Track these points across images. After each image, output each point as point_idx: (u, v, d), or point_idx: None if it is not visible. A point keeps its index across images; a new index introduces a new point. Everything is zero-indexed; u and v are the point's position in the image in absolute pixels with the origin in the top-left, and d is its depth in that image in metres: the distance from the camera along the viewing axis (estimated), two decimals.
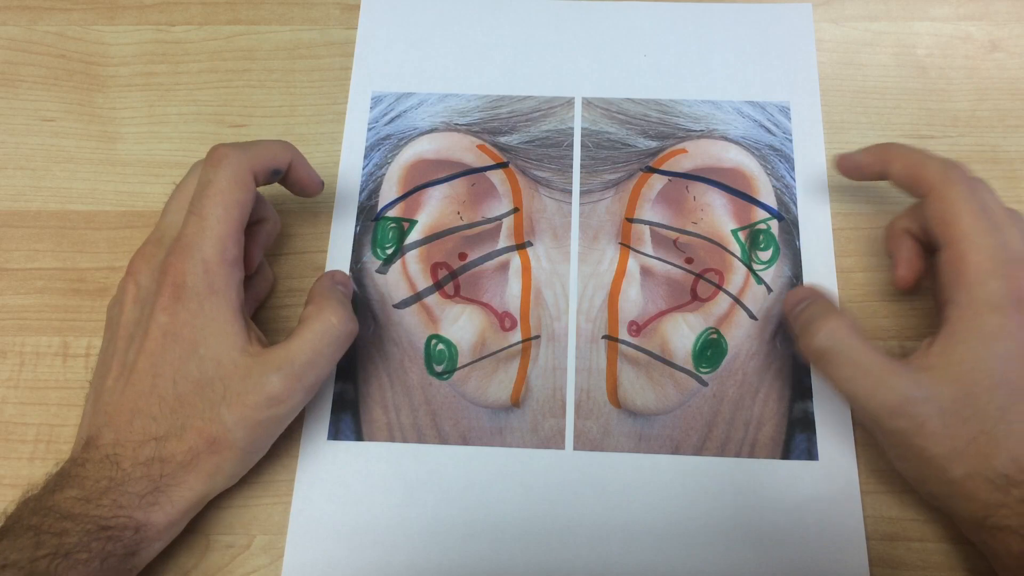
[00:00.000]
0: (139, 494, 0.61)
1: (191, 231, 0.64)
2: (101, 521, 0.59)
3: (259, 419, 0.64)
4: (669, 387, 0.73)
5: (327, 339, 0.66)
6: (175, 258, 0.64)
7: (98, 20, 0.89)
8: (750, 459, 0.71)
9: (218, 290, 0.64)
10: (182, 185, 0.70)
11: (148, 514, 0.61)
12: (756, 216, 0.78)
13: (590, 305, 0.76)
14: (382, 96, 0.84)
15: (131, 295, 0.67)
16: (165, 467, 0.62)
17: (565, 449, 0.72)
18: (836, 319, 0.64)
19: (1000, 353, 0.60)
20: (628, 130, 0.81)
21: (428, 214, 0.79)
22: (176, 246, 0.64)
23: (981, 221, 0.63)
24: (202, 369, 0.63)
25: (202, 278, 0.63)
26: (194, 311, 0.63)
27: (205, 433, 0.62)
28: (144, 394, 0.63)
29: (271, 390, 0.63)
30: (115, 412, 0.63)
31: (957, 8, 0.88)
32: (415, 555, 0.69)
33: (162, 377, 0.63)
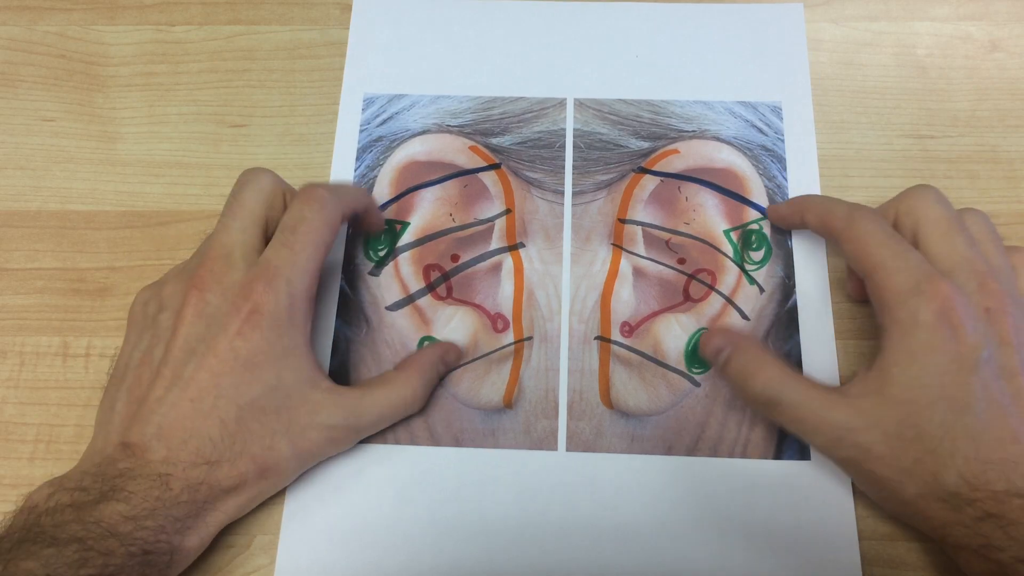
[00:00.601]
0: (179, 518, 0.60)
1: (283, 262, 0.65)
2: (145, 545, 0.58)
3: (313, 453, 0.67)
4: (662, 388, 0.73)
5: (396, 411, 0.69)
6: (261, 284, 0.64)
7: (98, 20, 0.89)
8: (743, 459, 0.71)
9: (298, 323, 0.65)
10: (243, 199, 0.69)
11: (183, 539, 0.61)
12: (748, 216, 0.78)
13: (582, 306, 0.76)
14: (374, 98, 0.84)
15: (194, 308, 0.65)
16: (211, 493, 0.62)
17: (558, 450, 0.72)
18: (769, 367, 0.66)
19: (933, 369, 0.61)
20: (620, 131, 0.81)
21: (420, 216, 0.79)
22: (262, 272, 0.64)
23: (888, 248, 0.64)
24: (269, 398, 0.63)
25: (286, 309, 0.64)
26: (271, 340, 0.63)
27: (259, 460, 0.63)
28: (203, 413, 0.62)
29: (332, 432, 0.66)
30: (168, 426, 0.62)
31: (957, 8, 0.87)
32: (408, 556, 0.69)
33: (226, 400, 0.62)
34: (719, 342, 0.69)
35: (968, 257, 0.64)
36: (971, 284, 0.63)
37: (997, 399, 0.60)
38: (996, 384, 0.60)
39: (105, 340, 0.77)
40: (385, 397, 0.67)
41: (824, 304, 0.76)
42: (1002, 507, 0.58)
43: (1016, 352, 0.61)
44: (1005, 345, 0.61)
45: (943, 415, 0.60)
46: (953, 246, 0.64)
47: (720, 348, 0.69)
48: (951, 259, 0.64)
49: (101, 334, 0.77)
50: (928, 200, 0.67)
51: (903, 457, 0.60)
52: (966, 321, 0.60)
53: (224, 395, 0.62)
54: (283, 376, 0.64)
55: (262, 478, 0.63)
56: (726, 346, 0.68)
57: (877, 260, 0.64)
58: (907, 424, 0.60)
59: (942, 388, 0.60)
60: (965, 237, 0.65)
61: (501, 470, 0.71)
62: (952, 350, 0.60)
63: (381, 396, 0.67)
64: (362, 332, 0.75)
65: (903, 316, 0.62)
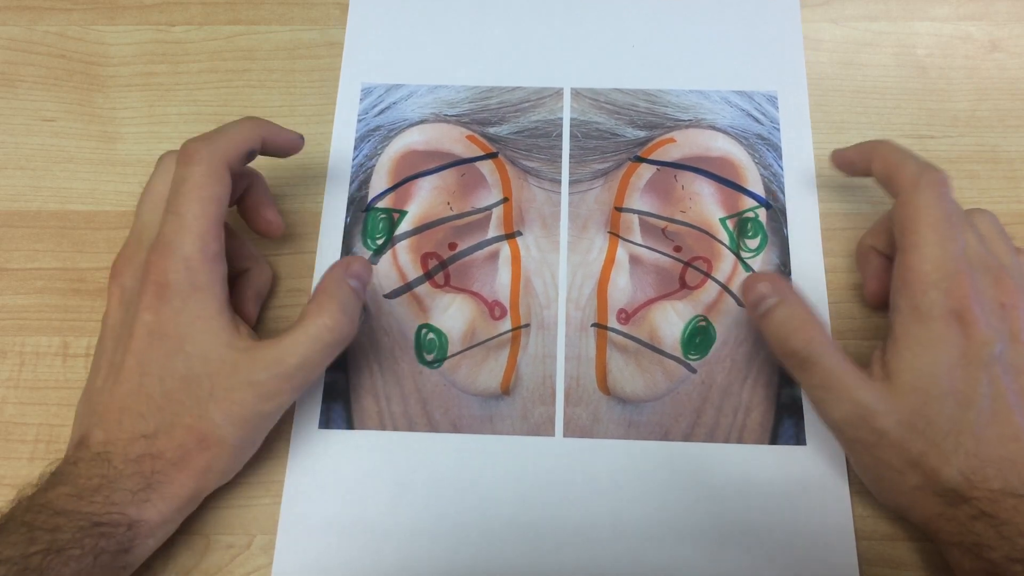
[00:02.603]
0: (131, 491, 0.61)
1: (170, 230, 0.64)
2: (94, 518, 0.59)
3: (247, 415, 0.64)
4: (658, 374, 0.73)
5: (319, 344, 0.65)
6: (156, 256, 0.64)
7: (98, 20, 0.89)
8: (739, 445, 0.71)
9: (201, 286, 0.64)
10: (151, 183, 0.70)
11: (141, 511, 0.61)
12: (744, 204, 0.78)
13: (579, 293, 0.76)
14: (372, 88, 0.85)
15: (116, 297, 0.67)
16: (156, 464, 0.62)
17: (555, 436, 0.72)
18: (814, 327, 0.65)
19: (944, 361, 0.61)
20: (617, 120, 0.82)
21: (418, 204, 0.79)
22: (156, 245, 0.64)
23: (936, 231, 0.63)
24: (188, 366, 0.63)
25: (184, 275, 0.63)
26: (178, 308, 0.63)
27: (194, 430, 0.62)
28: (132, 392, 0.63)
29: (259, 387, 0.63)
30: (104, 411, 0.63)
31: (957, 8, 0.88)
32: (405, 542, 0.69)
33: (149, 375, 0.63)
34: (765, 289, 0.68)
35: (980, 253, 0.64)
36: (988, 279, 0.63)
37: (1004, 395, 0.60)
38: (1004, 380, 0.60)
39: None
40: (302, 333, 0.64)
41: (820, 292, 0.76)
42: (996, 506, 0.58)
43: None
44: (1016, 342, 0.62)
45: (951, 409, 0.60)
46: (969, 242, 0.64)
47: (765, 295, 0.68)
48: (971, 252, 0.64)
49: None
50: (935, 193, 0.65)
51: (912, 448, 0.60)
52: (980, 317, 0.61)
53: (147, 371, 0.63)
54: (198, 342, 0.63)
55: (204, 448, 0.63)
56: (772, 295, 0.67)
57: (919, 239, 0.63)
58: (919, 414, 0.60)
59: (951, 382, 0.60)
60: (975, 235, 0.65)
61: (499, 456, 0.72)
62: (963, 345, 0.60)
63: (298, 334, 0.65)
64: (360, 320, 0.75)
65: (921, 303, 0.62)
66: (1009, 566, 0.57)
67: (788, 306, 0.66)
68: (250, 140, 0.70)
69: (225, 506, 0.71)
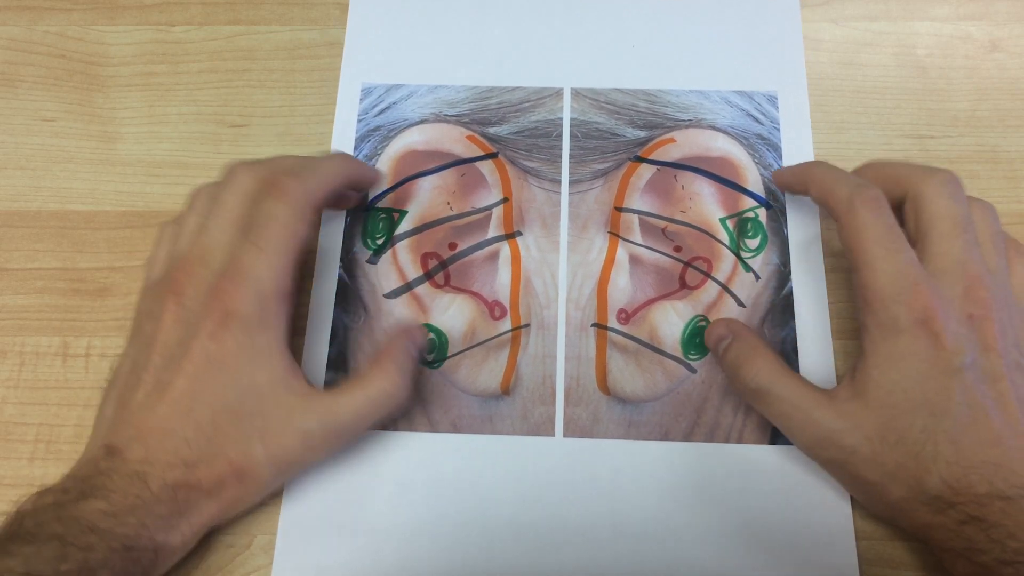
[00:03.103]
0: (163, 516, 0.60)
1: (248, 260, 0.64)
2: (126, 540, 0.58)
3: (289, 460, 0.64)
4: (658, 374, 0.73)
5: (375, 406, 0.66)
6: (229, 285, 0.63)
7: (98, 20, 0.89)
8: (739, 445, 0.71)
9: (268, 323, 0.64)
10: (224, 199, 0.68)
11: (167, 536, 0.61)
12: (744, 204, 0.78)
13: (579, 293, 0.76)
14: (372, 88, 0.84)
15: (172, 313, 0.65)
16: (191, 493, 0.61)
17: (555, 436, 0.72)
18: (762, 358, 0.66)
19: (913, 375, 0.61)
20: (617, 120, 0.82)
21: (418, 204, 0.79)
22: (230, 272, 0.64)
23: (881, 245, 0.63)
24: (243, 401, 0.63)
25: (255, 309, 0.63)
26: (241, 341, 0.63)
27: (235, 464, 0.62)
28: (179, 416, 0.62)
29: (307, 437, 0.64)
30: (146, 428, 0.62)
31: (957, 8, 0.88)
32: (406, 542, 0.69)
33: (200, 403, 0.62)
34: (721, 331, 0.70)
35: (962, 260, 0.64)
36: (957, 289, 0.63)
37: (980, 403, 0.60)
38: (979, 388, 0.60)
39: (105, 340, 0.77)
40: (362, 393, 0.65)
41: (820, 291, 0.76)
42: (984, 510, 0.58)
43: (1001, 356, 0.62)
44: (989, 350, 0.62)
45: (924, 420, 0.60)
46: (951, 247, 0.64)
47: (722, 337, 0.70)
48: (945, 260, 0.64)
49: (101, 334, 0.77)
50: (941, 195, 0.66)
51: (887, 461, 0.61)
52: (947, 327, 0.61)
53: (199, 398, 0.62)
54: (256, 378, 0.63)
55: (239, 482, 0.63)
56: (727, 335, 0.69)
57: (867, 257, 0.64)
58: (889, 428, 0.61)
59: (923, 393, 0.60)
60: (966, 240, 0.64)
61: (499, 456, 0.72)
62: (932, 356, 0.61)
63: (358, 393, 0.65)
64: (360, 320, 0.76)
65: (884, 319, 0.62)
66: (1000, 569, 0.57)
67: (738, 341, 0.69)
68: (340, 180, 0.72)
69: None
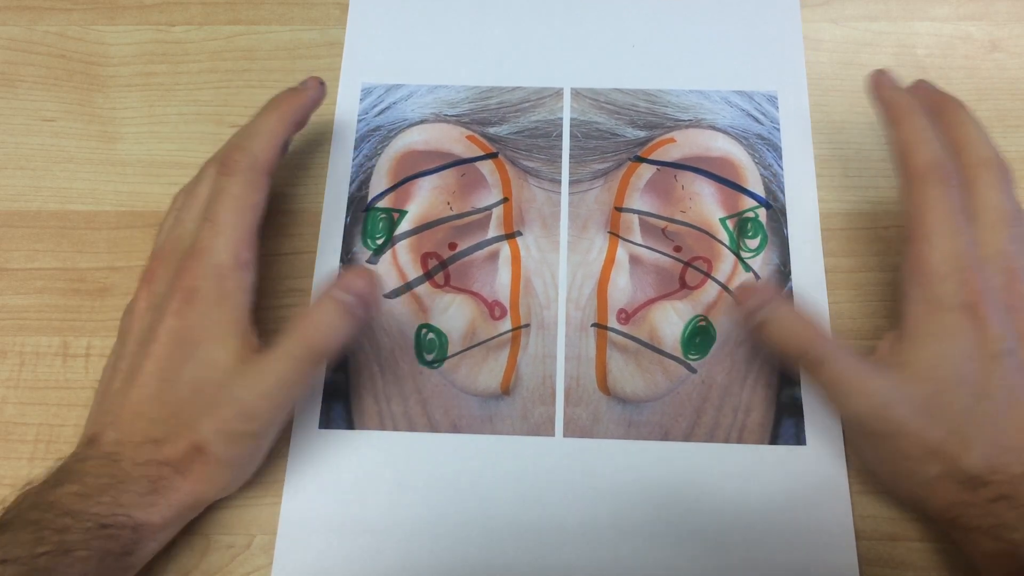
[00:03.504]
0: (138, 493, 0.61)
1: (205, 236, 0.65)
2: (101, 519, 0.59)
3: (232, 433, 0.63)
4: (658, 374, 0.73)
5: (295, 362, 0.64)
6: (190, 263, 0.64)
7: (98, 20, 0.89)
8: (739, 445, 0.71)
9: (228, 295, 0.64)
10: (196, 190, 0.70)
11: (146, 514, 0.61)
12: (744, 204, 0.78)
13: (579, 294, 0.76)
14: (372, 88, 0.85)
15: (144, 300, 0.67)
16: (162, 470, 0.62)
17: (555, 436, 0.72)
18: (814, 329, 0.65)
19: (957, 353, 0.61)
20: (617, 120, 0.82)
21: (418, 204, 0.79)
22: (190, 251, 0.65)
23: (945, 224, 0.63)
24: (198, 374, 0.63)
25: (214, 283, 0.64)
26: (202, 314, 0.63)
27: (193, 440, 0.62)
28: (148, 398, 0.63)
29: (240, 406, 0.63)
30: (120, 414, 0.63)
31: (957, 8, 0.88)
32: (406, 542, 0.69)
33: (166, 381, 0.63)
34: (757, 300, 0.68)
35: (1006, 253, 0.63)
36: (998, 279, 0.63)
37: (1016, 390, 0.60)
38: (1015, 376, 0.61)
39: (105, 340, 0.77)
40: (280, 349, 0.64)
41: (820, 291, 0.76)
42: (1016, 489, 0.58)
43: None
44: None
45: (965, 399, 0.60)
46: (996, 238, 0.64)
47: (758, 306, 0.68)
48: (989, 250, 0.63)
49: (101, 334, 0.77)
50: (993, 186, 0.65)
51: (929, 438, 0.60)
52: (991, 314, 0.61)
53: (165, 377, 0.63)
54: (213, 352, 0.63)
55: (202, 458, 0.62)
56: (765, 304, 0.67)
57: (927, 231, 0.63)
58: (933, 403, 0.61)
59: (966, 373, 0.60)
60: (1011, 234, 0.64)
61: (499, 456, 0.72)
62: (976, 339, 0.60)
63: (277, 351, 0.64)
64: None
65: (932, 295, 0.62)
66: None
67: (784, 312, 0.67)
68: (281, 134, 0.71)
69: (225, 506, 0.71)
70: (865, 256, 0.77)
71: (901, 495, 0.67)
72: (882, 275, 0.76)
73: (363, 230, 0.79)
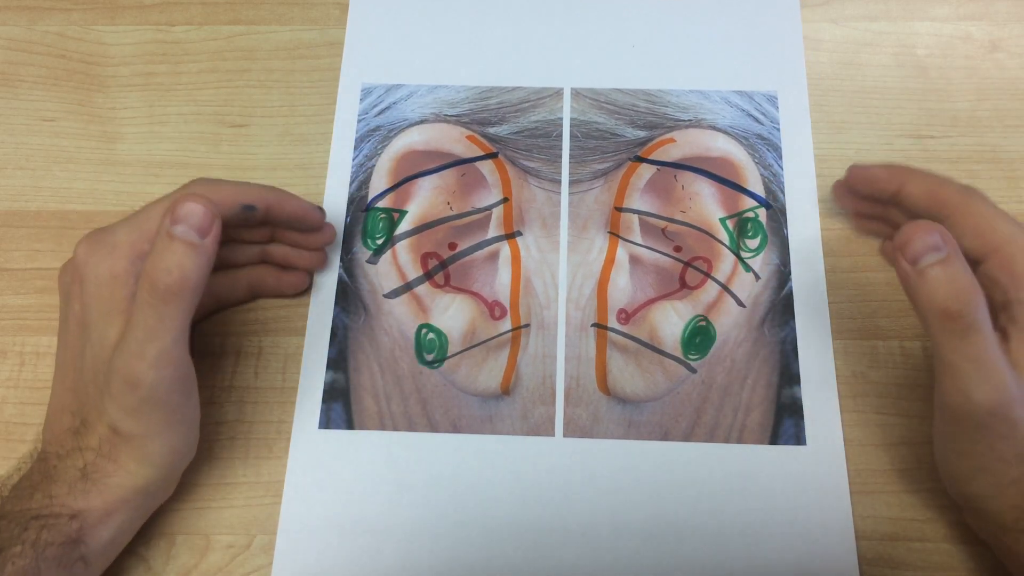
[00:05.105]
0: (68, 483, 0.61)
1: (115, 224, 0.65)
2: (32, 512, 0.59)
3: (128, 406, 0.60)
4: (658, 374, 0.73)
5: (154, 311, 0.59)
6: (83, 246, 0.64)
7: (98, 20, 0.89)
8: (739, 445, 0.71)
9: (118, 273, 0.62)
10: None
11: (84, 501, 0.60)
12: (744, 204, 0.79)
13: (579, 294, 0.76)
14: (372, 88, 0.85)
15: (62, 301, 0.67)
16: (86, 456, 0.61)
17: (555, 436, 0.72)
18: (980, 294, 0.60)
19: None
20: (617, 120, 0.82)
21: (418, 204, 0.79)
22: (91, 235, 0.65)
23: (1015, 225, 0.63)
24: (92, 355, 0.62)
25: (106, 263, 0.62)
26: (92, 295, 0.62)
27: (105, 424, 0.61)
28: (64, 390, 0.64)
29: (123, 374, 0.59)
30: (50, 414, 0.65)
31: (957, 8, 0.88)
32: (405, 542, 0.69)
33: (76, 370, 0.63)
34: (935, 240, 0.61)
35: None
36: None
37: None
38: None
39: None
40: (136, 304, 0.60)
41: (820, 291, 0.76)
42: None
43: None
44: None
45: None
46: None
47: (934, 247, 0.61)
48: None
49: None
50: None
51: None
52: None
53: (74, 366, 0.64)
54: (105, 330, 0.61)
55: (122, 441, 0.61)
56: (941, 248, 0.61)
57: (1006, 234, 0.62)
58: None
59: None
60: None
61: (499, 456, 0.72)
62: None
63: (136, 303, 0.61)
64: (360, 320, 0.76)
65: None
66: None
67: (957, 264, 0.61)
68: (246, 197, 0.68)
69: (225, 506, 0.71)
70: (865, 256, 0.77)
71: (966, 490, 0.64)
72: (882, 275, 0.76)
73: (363, 230, 0.79)
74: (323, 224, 0.74)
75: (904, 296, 0.62)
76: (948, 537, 0.68)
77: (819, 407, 0.72)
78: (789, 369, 0.73)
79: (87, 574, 0.61)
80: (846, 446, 0.71)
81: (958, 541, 0.68)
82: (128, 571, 0.68)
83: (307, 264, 0.76)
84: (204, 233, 0.60)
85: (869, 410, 0.72)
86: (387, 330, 0.75)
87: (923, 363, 0.74)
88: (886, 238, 0.75)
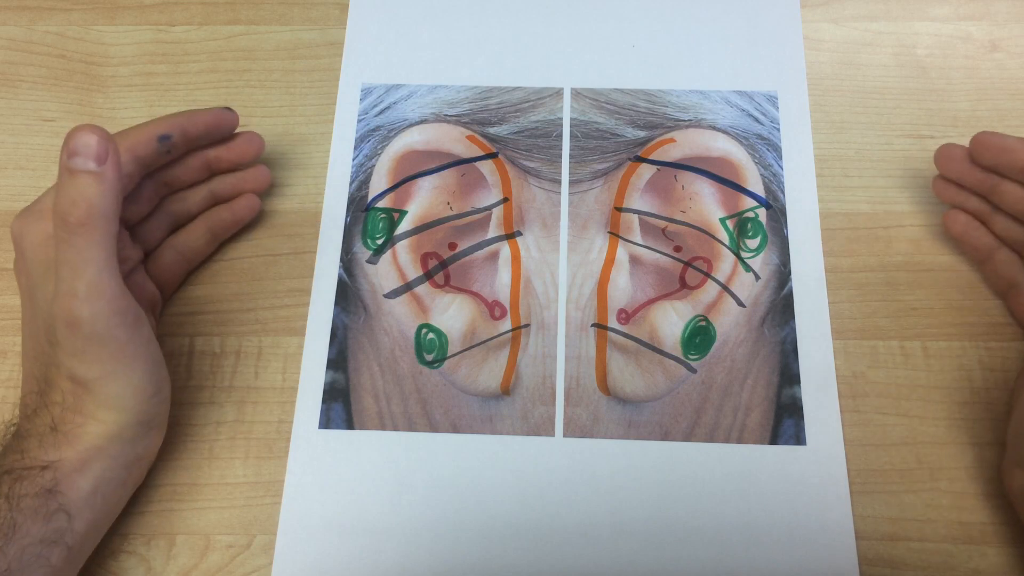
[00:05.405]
0: (39, 437, 0.61)
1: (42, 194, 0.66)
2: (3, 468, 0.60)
3: (76, 350, 0.60)
4: (658, 374, 0.73)
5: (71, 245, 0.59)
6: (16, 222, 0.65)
7: (98, 20, 0.89)
8: (739, 444, 0.71)
9: (50, 233, 0.62)
10: None
11: (56, 452, 0.61)
12: (744, 204, 0.79)
13: (579, 294, 0.76)
14: (372, 88, 0.85)
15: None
16: (53, 411, 0.62)
17: (555, 436, 0.72)
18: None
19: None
20: (617, 120, 0.82)
21: (418, 204, 0.79)
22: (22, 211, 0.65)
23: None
24: (41, 313, 0.63)
25: (36, 227, 0.63)
26: (31, 260, 0.63)
27: (63, 376, 0.62)
28: (30, 360, 0.65)
29: (61, 317, 0.60)
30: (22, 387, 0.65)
31: (957, 8, 0.88)
32: (405, 542, 0.69)
33: (32, 336, 0.64)
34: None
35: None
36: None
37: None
38: None
39: None
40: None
41: (820, 291, 0.76)
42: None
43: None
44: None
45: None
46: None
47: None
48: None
49: None
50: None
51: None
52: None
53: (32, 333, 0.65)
54: (46, 288, 0.62)
55: (85, 392, 0.61)
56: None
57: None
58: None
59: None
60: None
61: (499, 456, 0.72)
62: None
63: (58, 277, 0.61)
64: (360, 319, 0.76)
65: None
66: None
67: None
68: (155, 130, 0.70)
69: (225, 506, 0.71)
70: (865, 256, 0.77)
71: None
72: (882, 275, 0.76)
73: (363, 230, 0.79)
74: (236, 122, 0.75)
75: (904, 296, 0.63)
76: (948, 537, 0.68)
77: (819, 407, 0.72)
78: (789, 369, 0.73)
79: (73, 527, 0.61)
80: (846, 446, 0.71)
81: (958, 541, 0.68)
82: (128, 571, 0.68)
83: (253, 185, 0.77)
84: (101, 160, 0.59)
85: (869, 410, 0.72)
86: (387, 330, 0.75)
87: (923, 363, 0.73)
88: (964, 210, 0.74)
